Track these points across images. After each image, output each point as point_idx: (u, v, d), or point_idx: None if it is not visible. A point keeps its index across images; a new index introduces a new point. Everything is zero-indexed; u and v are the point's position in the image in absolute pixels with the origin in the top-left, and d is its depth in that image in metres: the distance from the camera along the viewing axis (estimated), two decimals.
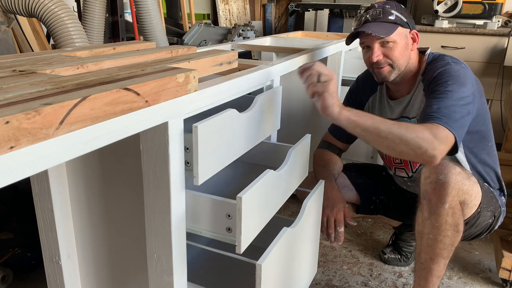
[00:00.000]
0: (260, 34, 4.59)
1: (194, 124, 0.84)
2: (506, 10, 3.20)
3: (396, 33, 1.27)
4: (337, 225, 1.33)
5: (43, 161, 0.56)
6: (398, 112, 1.42)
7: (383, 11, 1.28)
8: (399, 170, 1.52)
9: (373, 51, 1.30)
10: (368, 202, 1.57)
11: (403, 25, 1.29)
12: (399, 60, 1.30)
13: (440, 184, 1.14)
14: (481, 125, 1.32)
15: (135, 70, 0.82)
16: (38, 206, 1.03)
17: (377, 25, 1.27)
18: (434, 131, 1.06)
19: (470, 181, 1.18)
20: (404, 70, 1.33)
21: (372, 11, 1.30)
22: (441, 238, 1.17)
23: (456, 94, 1.16)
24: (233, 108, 0.97)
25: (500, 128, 2.70)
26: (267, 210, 1.03)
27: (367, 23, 1.28)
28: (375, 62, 1.30)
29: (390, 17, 1.28)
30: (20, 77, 0.72)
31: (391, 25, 1.27)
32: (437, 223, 1.16)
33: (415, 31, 1.34)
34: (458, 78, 1.20)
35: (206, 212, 0.93)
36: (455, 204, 1.15)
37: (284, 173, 1.10)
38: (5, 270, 1.43)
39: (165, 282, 0.91)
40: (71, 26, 1.69)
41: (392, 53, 1.29)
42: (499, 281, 1.60)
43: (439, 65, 1.28)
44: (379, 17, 1.28)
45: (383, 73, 1.32)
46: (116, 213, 1.05)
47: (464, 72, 1.23)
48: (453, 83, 1.19)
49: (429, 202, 1.17)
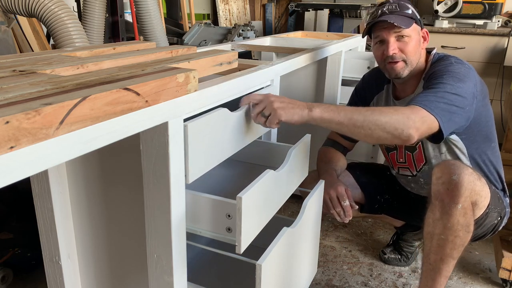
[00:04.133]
0: (260, 34, 4.59)
1: (184, 123, 0.84)
2: (506, 10, 3.20)
3: (412, 27, 1.27)
4: (341, 200, 1.30)
5: (43, 161, 0.56)
6: None
7: (399, 5, 1.28)
8: (403, 169, 1.51)
9: (388, 44, 1.28)
10: (373, 201, 1.57)
11: (417, 22, 1.30)
12: (413, 56, 1.30)
13: (454, 184, 1.13)
14: (484, 126, 1.32)
15: (135, 70, 0.82)
16: (38, 206, 1.03)
17: (396, 17, 1.26)
18: (408, 112, 1.05)
19: (481, 182, 1.18)
20: (414, 67, 1.32)
21: (388, 5, 1.29)
22: (452, 239, 1.17)
23: (450, 86, 1.16)
24: (225, 108, 0.97)
25: (500, 128, 2.70)
26: (267, 210, 1.03)
27: (384, 15, 1.27)
28: (390, 56, 1.29)
29: (407, 11, 1.28)
30: (20, 77, 0.72)
31: (408, 19, 1.27)
32: (449, 223, 1.15)
33: (425, 30, 1.34)
34: (456, 75, 1.20)
35: (206, 212, 0.93)
36: (467, 204, 1.15)
37: (284, 173, 1.10)
38: (5, 270, 1.43)
39: (165, 282, 0.91)
40: (71, 26, 1.69)
41: (407, 48, 1.28)
42: (499, 281, 1.60)
43: (441, 64, 1.28)
44: (396, 10, 1.27)
45: (397, 69, 1.30)
46: (116, 213, 1.05)
47: (465, 71, 1.23)
48: (449, 77, 1.18)
49: (441, 202, 1.16)
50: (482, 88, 1.29)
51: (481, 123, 1.30)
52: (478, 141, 1.32)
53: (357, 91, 1.59)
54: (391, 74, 1.33)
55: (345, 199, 1.30)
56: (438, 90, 1.15)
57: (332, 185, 1.32)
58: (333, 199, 1.31)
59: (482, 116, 1.29)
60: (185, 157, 0.86)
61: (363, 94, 1.56)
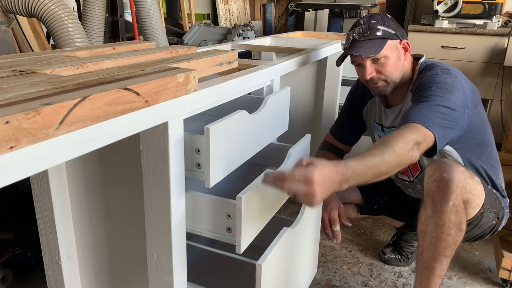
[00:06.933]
0: (260, 34, 4.59)
1: (206, 126, 0.83)
2: (506, 10, 3.20)
3: (386, 47, 1.27)
4: (332, 224, 1.35)
5: (43, 161, 0.56)
6: (391, 121, 1.43)
7: (369, 27, 1.27)
8: (401, 174, 1.52)
9: (365, 69, 1.29)
10: (371, 203, 1.57)
11: (392, 38, 1.28)
12: (393, 74, 1.31)
13: (444, 182, 1.14)
14: (477, 134, 1.32)
15: (135, 70, 0.82)
16: (38, 207, 1.03)
17: (364, 43, 1.26)
18: (408, 134, 1.06)
19: (474, 181, 1.18)
20: (400, 79, 1.33)
21: (358, 29, 1.29)
22: (444, 237, 1.17)
23: (440, 98, 1.16)
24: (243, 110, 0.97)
25: (500, 128, 2.70)
26: (267, 210, 1.03)
27: (354, 42, 1.28)
28: (369, 79, 1.31)
29: (378, 33, 1.27)
30: (20, 77, 0.72)
31: (379, 41, 1.27)
32: (441, 221, 1.16)
33: (405, 41, 1.33)
34: (443, 85, 1.19)
35: (206, 212, 0.93)
36: (459, 202, 1.15)
37: None
38: (5, 270, 1.43)
39: (165, 282, 0.91)
40: (71, 26, 1.69)
41: (384, 69, 1.29)
42: (499, 281, 1.60)
43: (427, 75, 1.27)
44: (366, 35, 1.27)
45: (379, 88, 1.33)
46: (116, 213, 1.05)
47: (452, 81, 1.21)
48: (437, 89, 1.18)
49: (432, 200, 1.17)
50: (473, 96, 1.27)
51: (475, 131, 1.30)
52: (472, 149, 1.32)
53: (352, 94, 1.60)
54: (375, 92, 1.37)
55: (336, 224, 1.35)
56: (430, 103, 1.15)
57: (326, 206, 1.38)
58: (324, 221, 1.37)
59: (475, 125, 1.29)
60: (207, 161, 0.85)
61: (357, 97, 1.57)
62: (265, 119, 1.09)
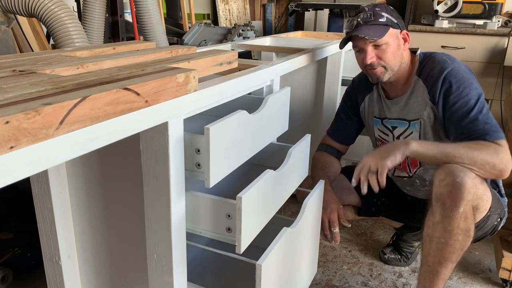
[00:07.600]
0: (260, 34, 4.59)
1: (206, 126, 0.83)
2: (506, 10, 3.20)
3: (388, 34, 1.29)
4: (331, 226, 1.35)
5: (43, 161, 0.56)
6: (395, 112, 1.42)
7: (373, 13, 1.30)
8: (399, 171, 1.51)
9: (366, 53, 1.31)
10: (369, 204, 1.57)
11: (393, 26, 1.31)
12: (392, 61, 1.33)
13: (457, 187, 1.13)
14: None
15: (135, 70, 0.82)
16: (38, 207, 1.03)
17: (369, 28, 1.29)
18: (493, 149, 1.16)
19: (484, 186, 1.18)
20: (397, 70, 1.35)
21: (363, 14, 1.31)
22: (451, 243, 1.17)
23: (475, 98, 1.24)
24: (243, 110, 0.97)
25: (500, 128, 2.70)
26: (267, 210, 1.03)
27: (358, 26, 1.30)
28: (369, 64, 1.32)
29: (381, 19, 1.30)
30: (20, 77, 0.72)
31: (382, 27, 1.29)
32: (450, 227, 1.15)
33: (405, 31, 1.35)
34: (467, 80, 1.26)
35: (206, 212, 0.93)
36: (468, 208, 1.15)
37: (284, 173, 1.10)
38: (5, 270, 1.43)
39: (165, 282, 0.91)
40: (71, 26, 1.69)
41: (385, 55, 1.31)
42: (499, 281, 1.60)
43: (437, 65, 1.30)
44: (370, 20, 1.30)
45: (377, 73, 1.34)
46: (116, 213, 1.05)
47: (463, 69, 1.28)
48: (465, 87, 1.25)
49: (443, 205, 1.15)
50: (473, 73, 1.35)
51: None
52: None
53: (348, 94, 1.61)
54: (372, 78, 1.39)
55: (336, 226, 1.35)
56: (475, 110, 1.23)
57: (326, 208, 1.38)
58: (324, 223, 1.38)
59: None
60: (207, 161, 0.86)
61: (354, 95, 1.57)
62: (265, 119, 1.09)
